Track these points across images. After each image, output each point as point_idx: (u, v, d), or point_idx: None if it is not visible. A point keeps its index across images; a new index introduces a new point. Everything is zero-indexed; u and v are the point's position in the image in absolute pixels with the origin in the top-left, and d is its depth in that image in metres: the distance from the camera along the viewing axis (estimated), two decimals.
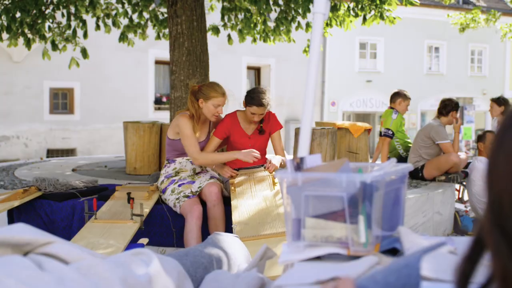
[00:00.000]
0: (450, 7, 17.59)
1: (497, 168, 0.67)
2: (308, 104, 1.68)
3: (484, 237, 0.69)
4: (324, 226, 1.42)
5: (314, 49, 1.74)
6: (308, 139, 1.72)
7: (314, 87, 1.73)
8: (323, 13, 1.66)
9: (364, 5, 8.25)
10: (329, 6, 1.76)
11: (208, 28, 9.17)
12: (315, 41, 1.73)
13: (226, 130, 4.93)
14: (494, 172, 0.68)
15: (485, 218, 0.69)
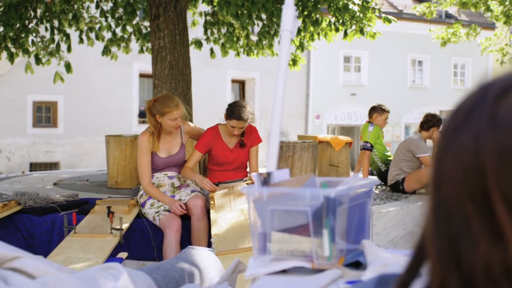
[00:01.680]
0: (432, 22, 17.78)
1: (444, 171, 0.66)
2: (276, 120, 1.71)
3: (425, 245, 0.69)
4: (290, 240, 1.44)
5: (282, 66, 1.77)
6: (276, 154, 1.74)
7: (281, 103, 1.76)
8: (291, 31, 1.69)
9: (345, 20, 8.32)
10: (297, 24, 1.80)
11: (191, 42, 9.21)
12: (283, 57, 1.76)
13: (207, 144, 4.97)
14: (440, 175, 0.66)
15: (427, 224, 0.69)
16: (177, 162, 4.86)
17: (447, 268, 0.65)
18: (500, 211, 0.60)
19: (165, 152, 4.78)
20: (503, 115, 0.61)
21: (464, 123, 0.65)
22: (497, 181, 0.60)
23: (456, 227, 0.64)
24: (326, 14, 8.78)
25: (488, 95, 0.64)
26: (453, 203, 0.64)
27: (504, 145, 0.60)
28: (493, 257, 0.61)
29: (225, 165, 5.03)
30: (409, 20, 21.64)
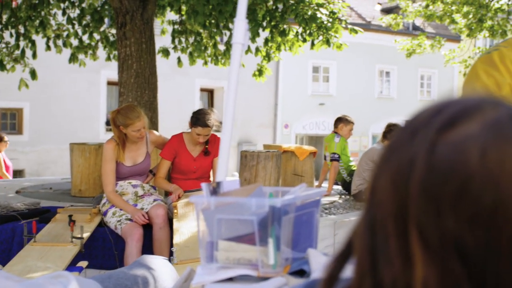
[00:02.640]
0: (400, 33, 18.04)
1: (378, 185, 0.67)
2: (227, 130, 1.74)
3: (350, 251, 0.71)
4: (236, 249, 1.47)
5: (233, 77, 1.80)
6: (226, 164, 1.77)
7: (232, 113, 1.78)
8: (242, 43, 1.73)
9: (312, 31, 8.41)
10: (248, 36, 1.83)
11: (158, 50, 9.21)
12: (234, 69, 1.79)
13: (173, 151, 4.99)
14: (374, 189, 0.67)
15: (355, 231, 0.71)
16: (142, 171, 4.86)
17: (364, 277, 0.68)
18: (413, 239, 0.63)
19: (130, 161, 4.78)
20: (440, 150, 0.63)
21: (405, 143, 0.66)
22: (416, 210, 0.62)
23: (377, 241, 0.66)
24: (293, 24, 8.86)
25: (435, 122, 0.65)
26: (379, 218, 0.66)
27: (430, 179, 0.62)
28: (400, 278, 0.63)
29: (188, 173, 5.04)
30: (377, 32, 21.93)
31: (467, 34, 11.92)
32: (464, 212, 0.61)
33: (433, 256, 0.62)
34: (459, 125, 0.64)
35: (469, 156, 0.61)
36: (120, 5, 7.15)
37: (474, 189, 0.61)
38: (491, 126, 0.63)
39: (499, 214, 0.60)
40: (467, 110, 0.65)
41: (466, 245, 0.61)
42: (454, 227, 0.61)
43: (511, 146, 0.61)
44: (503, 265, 0.61)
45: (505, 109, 0.65)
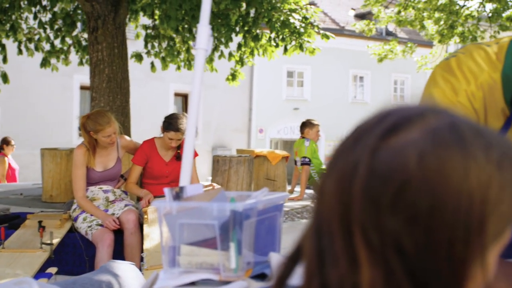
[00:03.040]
0: (373, 38, 18.21)
1: (325, 188, 0.69)
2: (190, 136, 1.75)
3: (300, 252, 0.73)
4: (198, 253, 1.48)
5: (196, 82, 1.82)
6: (189, 169, 1.78)
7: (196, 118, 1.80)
8: (205, 49, 1.74)
9: (284, 36, 8.45)
10: (212, 42, 1.85)
11: (131, 55, 9.18)
12: (197, 75, 1.81)
13: (144, 156, 4.98)
14: (322, 190, 0.69)
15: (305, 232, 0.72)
16: (113, 176, 4.84)
17: (312, 278, 0.70)
18: (358, 240, 0.65)
19: (101, 166, 4.76)
20: (382, 154, 0.65)
21: (351, 147, 0.69)
22: (359, 212, 0.65)
23: (324, 243, 0.69)
24: (266, 29, 8.90)
25: (378, 129, 0.68)
26: (325, 221, 0.69)
27: (372, 182, 0.65)
28: (347, 278, 0.66)
29: (160, 178, 5.03)
30: (351, 37, 22.09)
31: (438, 40, 12.07)
32: (402, 213, 0.63)
33: (376, 256, 0.64)
34: (401, 132, 0.66)
35: (407, 160, 0.64)
36: (92, 10, 7.12)
37: (412, 191, 0.63)
38: (431, 133, 0.65)
39: (436, 217, 0.63)
40: (410, 118, 0.68)
41: (405, 246, 0.64)
42: (393, 228, 0.64)
43: (448, 153, 0.64)
44: (441, 267, 0.64)
45: (446, 117, 0.68)
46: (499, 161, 0.67)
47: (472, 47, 1.66)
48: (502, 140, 0.70)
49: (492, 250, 0.68)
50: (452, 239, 0.63)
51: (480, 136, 0.67)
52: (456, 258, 0.64)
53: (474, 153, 0.65)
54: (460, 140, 0.65)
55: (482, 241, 0.65)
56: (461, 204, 0.63)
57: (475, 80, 1.56)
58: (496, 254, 0.70)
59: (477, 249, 0.65)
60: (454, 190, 0.63)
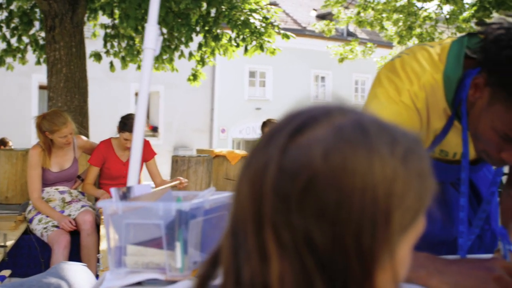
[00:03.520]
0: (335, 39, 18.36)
1: (240, 187, 0.71)
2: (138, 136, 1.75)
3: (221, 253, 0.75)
4: (145, 253, 1.48)
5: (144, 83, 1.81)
6: (137, 169, 1.78)
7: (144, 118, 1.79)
8: (153, 49, 1.74)
9: (245, 36, 8.46)
10: (160, 42, 1.85)
11: (90, 54, 9.07)
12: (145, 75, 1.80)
13: (101, 157, 4.94)
14: (237, 189, 0.71)
15: (224, 232, 0.74)
16: (69, 176, 4.79)
17: (228, 275, 0.72)
18: (269, 236, 0.67)
19: (57, 167, 4.70)
20: (290, 152, 0.67)
21: (263, 148, 0.71)
22: (269, 209, 0.67)
23: (239, 241, 0.71)
24: (227, 29, 8.90)
25: (287, 128, 0.70)
26: (240, 219, 0.71)
27: (281, 180, 0.67)
28: (258, 274, 0.68)
29: (118, 178, 5.00)
30: (312, 37, 22.23)
31: (397, 41, 12.24)
32: (310, 208, 0.65)
33: (287, 252, 0.66)
34: (308, 130, 0.69)
35: (313, 157, 0.66)
36: (49, 8, 7.02)
37: (318, 187, 0.65)
38: (336, 131, 0.68)
39: (343, 211, 0.65)
40: (317, 117, 0.70)
41: (315, 241, 0.66)
42: (303, 224, 0.66)
43: (353, 148, 0.66)
44: (350, 259, 0.66)
45: (352, 115, 0.71)
46: (404, 156, 0.69)
47: (416, 48, 1.69)
48: (408, 136, 0.72)
49: (402, 241, 0.70)
50: (359, 232, 0.66)
51: (385, 132, 0.70)
52: (364, 250, 0.66)
53: (378, 149, 0.67)
54: (364, 136, 0.68)
55: (388, 233, 0.67)
56: (366, 198, 0.65)
57: (418, 80, 1.58)
58: (409, 246, 0.73)
59: (384, 241, 0.67)
60: (359, 184, 0.65)
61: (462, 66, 1.55)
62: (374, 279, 0.68)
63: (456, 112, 1.61)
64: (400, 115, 1.58)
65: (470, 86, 1.47)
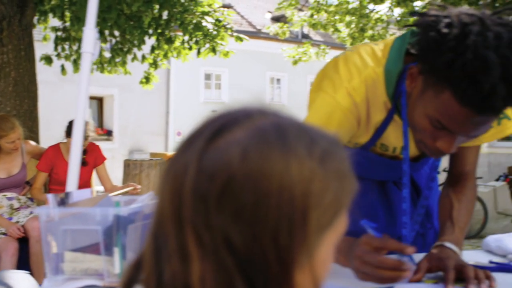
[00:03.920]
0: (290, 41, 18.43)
1: (162, 189, 0.72)
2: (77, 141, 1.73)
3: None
4: (83, 259, 1.46)
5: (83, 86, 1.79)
6: (76, 174, 1.76)
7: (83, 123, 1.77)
8: (92, 53, 1.72)
9: (198, 39, 8.45)
10: (99, 46, 1.83)
11: (41, 57, 8.91)
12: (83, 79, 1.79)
13: (49, 162, 4.87)
14: (159, 192, 0.72)
15: (147, 236, 0.75)
16: (18, 182, 4.70)
17: (150, 277, 0.72)
18: (189, 237, 0.68)
19: (5, 173, 4.61)
20: (208, 154, 0.69)
21: (183, 151, 0.72)
22: (189, 211, 0.68)
23: (160, 243, 0.71)
24: (180, 32, 8.86)
25: (206, 131, 0.71)
26: (161, 221, 0.71)
27: (199, 181, 0.68)
28: (179, 274, 0.68)
29: None
30: (267, 39, 22.29)
31: (350, 43, 12.38)
32: (229, 209, 0.66)
33: (207, 252, 0.67)
34: (227, 132, 0.70)
35: (231, 158, 0.67)
36: None
37: (236, 187, 0.66)
38: (255, 132, 0.69)
39: (260, 210, 0.66)
40: (237, 119, 0.72)
41: (234, 241, 0.67)
42: (221, 224, 0.67)
43: (270, 149, 0.68)
44: (268, 259, 0.67)
45: (271, 117, 0.73)
46: (322, 157, 0.70)
47: (361, 45, 1.74)
48: (326, 137, 0.74)
49: (322, 242, 0.72)
50: (277, 232, 0.67)
51: (304, 133, 0.72)
52: (282, 250, 0.67)
53: (296, 150, 0.69)
54: (282, 137, 0.69)
55: (306, 233, 0.68)
56: (283, 198, 0.67)
57: (359, 74, 1.63)
58: (330, 246, 0.74)
59: (302, 240, 0.68)
60: (277, 184, 0.67)
61: (403, 60, 1.60)
62: (293, 278, 0.69)
63: (396, 105, 1.65)
64: (331, 117, 1.64)
65: (407, 77, 1.51)
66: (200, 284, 0.67)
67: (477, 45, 1.27)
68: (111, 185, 5.06)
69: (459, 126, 1.41)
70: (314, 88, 1.74)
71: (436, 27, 1.34)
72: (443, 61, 1.32)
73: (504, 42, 1.27)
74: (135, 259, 0.78)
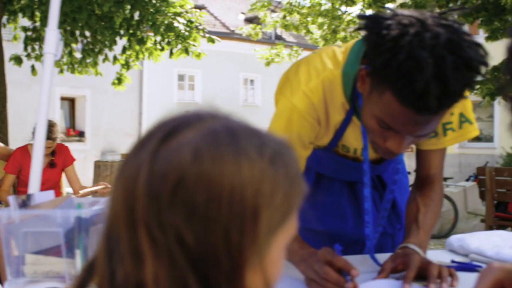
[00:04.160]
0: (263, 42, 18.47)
1: (114, 191, 0.72)
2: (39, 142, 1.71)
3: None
4: (44, 262, 1.45)
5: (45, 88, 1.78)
6: (39, 176, 1.74)
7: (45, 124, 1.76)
8: (54, 54, 1.71)
9: (170, 40, 8.43)
10: (61, 47, 1.82)
11: (10, 57, 8.81)
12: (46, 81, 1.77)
13: (17, 164, 4.81)
14: (112, 194, 0.73)
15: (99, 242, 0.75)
16: None
17: (103, 278, 0.72)
18: (142, 237, 0.68)
19: None
20: (161, 155, 0.70)
21: (136, 153, 0.73)
22: (142, 211, 0.69)
23: (113, 244, 0.72)
24: (151, 32, 8.82)
25: (159, 133, 0.72)
26: (114, 222, 0.72)
27: (152, 181, 0.69)
28: (131, 275, 0.69)
29: None
30: (241, 41, 22.29)
31: (323, 45, 12.43)
32: (181, 208, 0.67)
33: (160, 251, 0.68)
34: (179, 134, 0.71)
35: (183, 158, 0.68)
36: None
37: (188, 186, 0.67)
38: (207, 134, 0.71)
39: (212, 209, 0.67)
40: (189, 122, 0.73)
41: (186, 239, 0.68)
42: (174, 223, 0.68)
43: (222, 150, 0.69)
44: (220, 257, 0.68)
45: (223, 120, 0.75)
46: (272, 158, 0.72)
47: (323, 48, 1.78)
48: (277, 140, 0.76)
49: (273, 242, 0.73)
50: (228, 231, 0.68)
51: (254, 136, 0.74)
52: (233, 248, 0.69)
53: (246, 151, 0.70)
54: (233, 139, 0.71)
55: (257, 232, 0.70)
56: (234, 197, 0.68)
57: (317, 76, 1.66)
58: (281, 247, 0.76)
59: (252, 239, 0.70)
60: (228, 184, 0.68)
61: (359, 63, 1.61)
62: (244, 278, 0.70)
63: (354, 107, 1.67)
64: (291, 121, 1.68)
65: (358, 79, 1.52)
66: (154, 284, 0.68)
67: (413, 45, 1.28)
68: (80, 187, 5.03)
69: (402, 126, 1.43)
70: (277, 92, 1.77)
71: (376, 29, 1.36)
72: (381, 61, 1.35)
73: (441, 42, 1.29)
74: (88, 262, 0.78)
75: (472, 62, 1.30)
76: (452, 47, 1.29)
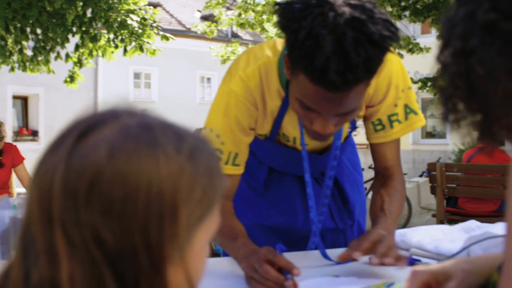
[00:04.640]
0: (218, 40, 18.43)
1: (31, 190, 0.72)
2: None
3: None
4: None
5: None
6: None
7: None
8: None
9: (123, 37, 8.33)
10: None
11: None
12: None
13: None
14: (29, 193, 0.72)
15: (15, 246, 0.74)
16: None
17: (18, 279, 0.71)
18: (58, 237, 0.68)
19: None
20: (77, 153, 0.69)
21: (51, 153, 0.72)
22: (58, 209, 0.68)
23: (28, 245, 0.71)
24: (105, 30, 8.70)
25: (74, 131, 0.72)
26: (29, 222, 0.71)
27: (68, 179, 0.68)
28: (46, 275, 0.68)
29: None
30: (197, 38, 22.20)
31: None
32: (97, 205, 0.67)
33: (76, 250, 0.67)
34: (95, 132, 0.71)
35: (99, 155, 0.68)
36: None
37: (104, 183, 0.67)
38: (122, 131, 0.70)
39: (129, 206, 0.67)
40: (104, 119, 0.73)
41: (103, 236, 0.67)
42: (90, 221, 0.67)
43: (137, 146, 0.69)
44: (139, 255, 0.68)
45: (139, 117, 0.74)
46: (190, 154, 0.73)
47: (267, 40, 1.82)
48: (195, 136, 0.76)
49: (194, 238, 0.73)
50: (146, 227, 0.68)
51: (171, 131, 0.74)
52: (152, 245, 0.68)
53: (163, 146, 0.70)
54: (149, 135, 0.71)
55: (176, 228, 0.70)
56: (152, 193, 0.68)
57: (255, 62, 1.70)
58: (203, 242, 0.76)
59: (172, 235, 0.70)
60: (145, 180, 0.68)
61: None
62: (165, 274, 0.70)
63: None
64: (229, 105, 1.72)
65: (284, 64, 1.54)
66: (69, 283, 0.67)
67: (314, 24, 1.32)
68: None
69: (318, 105, 1.46)
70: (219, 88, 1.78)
71: (285, 13, 1.39)
72: (288, 44, 1.40)
73: (344, 20, 1.31)
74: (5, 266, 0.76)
75: (374, 36, 1.32)
76: (355, 24, 1.31)
